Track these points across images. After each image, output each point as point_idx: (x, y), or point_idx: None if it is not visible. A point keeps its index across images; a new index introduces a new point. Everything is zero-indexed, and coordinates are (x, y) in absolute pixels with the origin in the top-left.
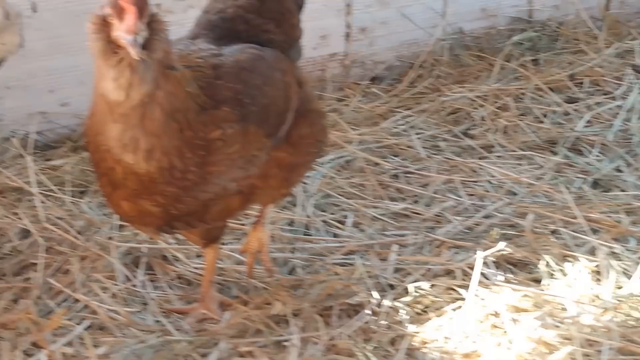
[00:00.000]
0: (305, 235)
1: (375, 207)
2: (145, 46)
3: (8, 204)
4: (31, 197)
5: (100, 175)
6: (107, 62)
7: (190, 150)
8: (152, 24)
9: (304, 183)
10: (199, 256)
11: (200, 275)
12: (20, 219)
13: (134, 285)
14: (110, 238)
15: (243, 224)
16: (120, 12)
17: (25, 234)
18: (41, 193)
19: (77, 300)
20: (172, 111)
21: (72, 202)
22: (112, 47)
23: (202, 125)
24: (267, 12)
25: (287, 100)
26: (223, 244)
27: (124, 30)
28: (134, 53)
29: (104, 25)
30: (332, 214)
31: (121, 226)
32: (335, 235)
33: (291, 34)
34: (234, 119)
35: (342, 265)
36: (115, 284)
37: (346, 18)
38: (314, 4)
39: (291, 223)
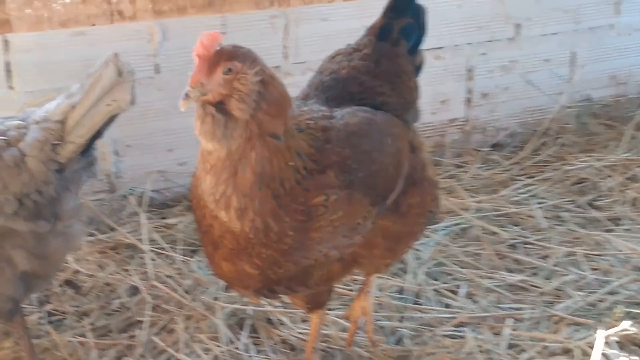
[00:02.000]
0: (415, 304)
1: (490, 277)
2: (225, 103)
3: (120, 260)
4: (143, 255)
5: (202, 234)
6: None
7: (288, 214)
8: (235, 83)
9: (416, 250)
10: (304, 321)
11: (305, 340)
12: (130, 275)
13: (237, 348)
14: (216, 298)
15: (351, 290)
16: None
17: (134, 290)
18: (153, 251)
19: None
20: (265, 177)
21: (182, 260)
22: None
23: (304, 190)
24: (382, 74)
25: (397, 166)
26: (329, 309)
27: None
28: (179, 104)
29: None
30: (445, 283)
31: (227, 287)
32: (446, 306)
33: (407, 96)
34: (339, 184)
35: (452, 337)
36: (218, 346)
37: (467, 83)
38: (434, 69)
39: (401, 290)
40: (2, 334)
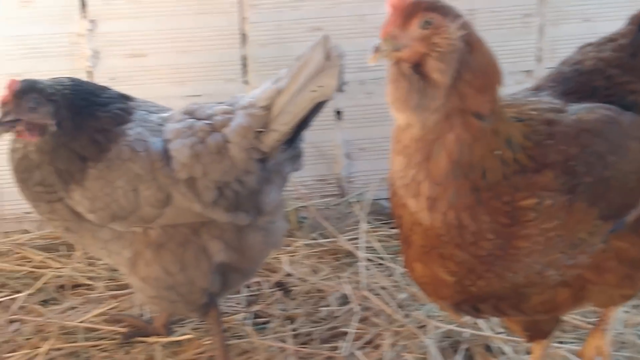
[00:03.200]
0: None
1: None
2: (421, 64)
3: (336, 266)
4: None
5: (399, 231)
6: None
7: (489, 213)
8: (433, 37)
9: None
10: (530, 353)
11: None
12: (343, 283)
13: None
14: (430, 316)
15: (589, 322)
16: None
17: (344, 299)
18: (370, 260)
19: None
20: (462, 166)
21: (401, 273)
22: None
23: (511, 188)
24: (638, 69)
25: None
26: (560, 341)
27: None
28: (369, 58)
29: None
30: None
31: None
32: None
33: None
34: (558, 188)
35: None
36: None
37: None
38: None
39: None
40: (202, 331)
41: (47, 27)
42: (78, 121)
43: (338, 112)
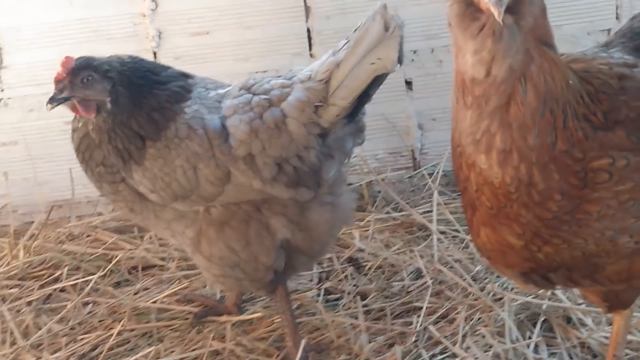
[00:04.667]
0: None
1: None
2: (513, 10)
3: (409, 240)
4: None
5: (462, 195)
6: (465, 31)
7: (560, 172)
8: None
9: None
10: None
11: (607, 346)
12: (416, 257)
13: (527, 347)
14: (506, 289)
15: None
16: None
17: (418, 274)
18: (444, 232)
19: (454, 355)
20: (549, 98)
21: None
22: (471, 12)
23: (579, 142)
24: None
25: None
26: None
27: None
28: (498, 15)
29: None
30: None
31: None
32: None
33: None
34: (631, 147)
35: None
36: (502, 342)
37: None
38: None
39: None
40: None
41: (110, 8)
42: (136, 99)
43: (408, 83)
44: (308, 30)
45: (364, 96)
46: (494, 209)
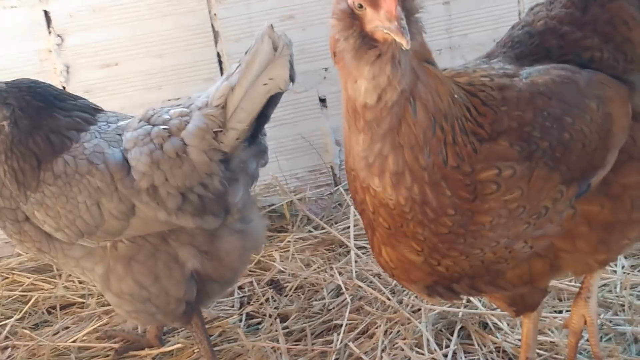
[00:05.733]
0: None
1: None
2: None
3: (330, 258)
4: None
5: (361, 216)
6: (360, 60)
7: (451, 188)
8: (407, 4)
9: None
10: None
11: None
12: (339, 274)
13: (445, 356)
14: (423, 300)
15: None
16: None
17: (339, 291)
18: (363, 248)
19: None
20: (438, 114)
21: None
22: (367, 42)
23: (468, 156)
24: (590, 23)
25: (604, 136)
26: (557, 310)
27: (384, 19)
28: (404, 42)
29: (352, 18)
30: None
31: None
32: None
33: (628, 52)
34: (515, 156)
35: None
36: (421, 354)
37: None
38: None
39: None
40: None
41: (15, 47)
42: (35, 121)
43: (322, 100)
44: (218, 55)
45: (262, 117)
46: (391, 228)
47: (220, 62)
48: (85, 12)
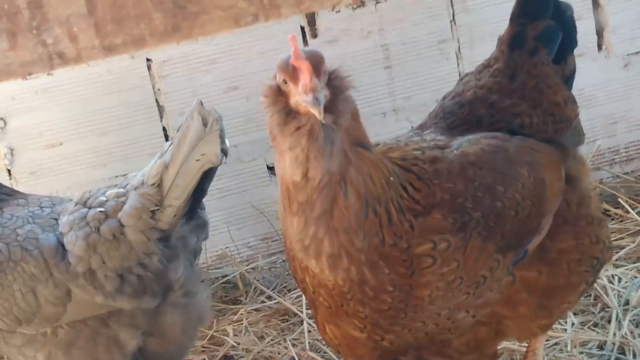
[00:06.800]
0: None
1: None
2: (330, 109)
3: (284, 328)
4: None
5: (303, 293)
6: (283, 133)
7: (389, 265)
8: (334, 82)
9: (621, 291)
10: None
11: None
12: (293, 345)
13: None
14: None
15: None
16: (294, 74)
17: None
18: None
19: None
20: (370, 198)
21: None
22: (292, 117)
23: (405, 233)
24: (519, 90)
25: (538, 202)
26: None
27: (301, 91)
28: (317, 113)
29: (279, 94)
30: None
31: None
32: None
33: (556, 114)
34: (448, 229)
35: None
36: None
37: None
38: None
39: (602, 345)
40: None
41: None
42: None
43: (270, 168)
44: (164, 129)
45: (199, 191)
46: (332, 307)
47: (166, 137)
48: (27, 94)
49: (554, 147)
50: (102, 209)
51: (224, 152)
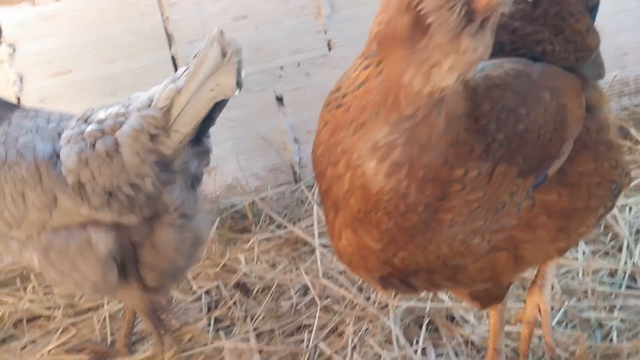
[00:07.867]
0: (629, 288)
1: None
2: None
3: (295, 257)
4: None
5: (323, 196)
6: (461, 34)
7: (434, 186)
8: None
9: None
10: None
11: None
12: (306, 273)
13: (415, 352)
14: (390, 295)
15: None
16: None
17: (306, 290)
18: (327, 246)
19: None
20: (451, 117)
21: None
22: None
23: (453, 156)
24: (541, 18)
25: (560, 127)
26: (525, 301)
27: None
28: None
29: None
30: None
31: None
32: None
33: (578, 43)
34: (478, 154)
35: None
36: (391, 350)
37: None
38: None
39: (613, 273)
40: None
41: None
42: None
43: (279, 99)
44: (173, 58)
45: (208, 120)
46: (360, 212)
47: (175, 65)
48: (35, 21)
49: (575, 75)
50: (99, 126)
51: (239, 84)
